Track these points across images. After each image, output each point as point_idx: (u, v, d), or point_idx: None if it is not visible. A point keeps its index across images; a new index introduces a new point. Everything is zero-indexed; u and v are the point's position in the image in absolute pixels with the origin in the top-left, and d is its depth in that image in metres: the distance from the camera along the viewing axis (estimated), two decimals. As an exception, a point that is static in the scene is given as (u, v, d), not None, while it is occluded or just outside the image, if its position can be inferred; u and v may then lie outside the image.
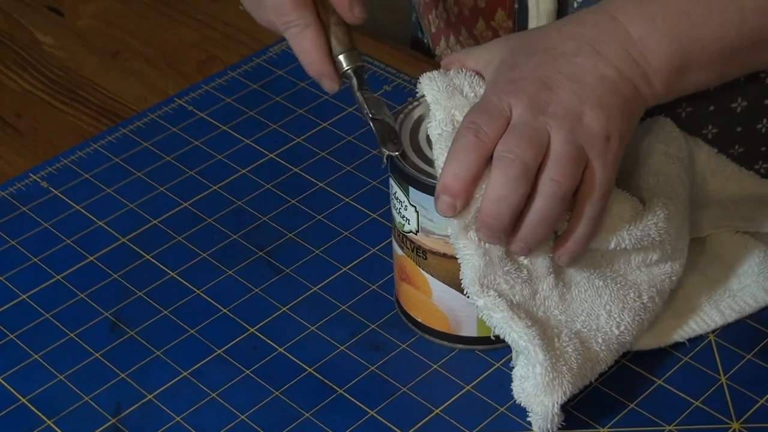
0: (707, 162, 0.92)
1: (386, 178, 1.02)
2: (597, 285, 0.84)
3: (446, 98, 0.83)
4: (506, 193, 0.77)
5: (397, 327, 0.90)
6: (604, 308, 0.83)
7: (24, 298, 0.94)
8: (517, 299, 0.81)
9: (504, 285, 0.81)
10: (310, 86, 1.13)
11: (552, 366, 0.79)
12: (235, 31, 1.23)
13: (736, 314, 0.88)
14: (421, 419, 0.84)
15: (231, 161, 1.06)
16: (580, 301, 0.83)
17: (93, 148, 1.08)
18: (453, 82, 0.84)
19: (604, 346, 0.82)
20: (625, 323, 0.83)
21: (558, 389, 0.79)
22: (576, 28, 0.83)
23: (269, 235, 0.98)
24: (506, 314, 0.80)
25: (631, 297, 0.84)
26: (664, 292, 0.86)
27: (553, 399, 0.79)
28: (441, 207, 0.79)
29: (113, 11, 1.28)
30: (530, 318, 0.81)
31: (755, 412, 0.83)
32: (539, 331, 0.80)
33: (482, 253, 0.80)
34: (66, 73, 1.19)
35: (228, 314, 0.92)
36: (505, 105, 0.79)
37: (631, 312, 0.84)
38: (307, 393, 0.86)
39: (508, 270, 0.81)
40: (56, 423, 0.85)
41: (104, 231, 1.00)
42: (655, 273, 0.85)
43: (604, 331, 0.83)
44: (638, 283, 0.85)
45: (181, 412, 0.85)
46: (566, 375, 0.80)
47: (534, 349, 0.79)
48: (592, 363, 0.82)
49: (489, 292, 0.80)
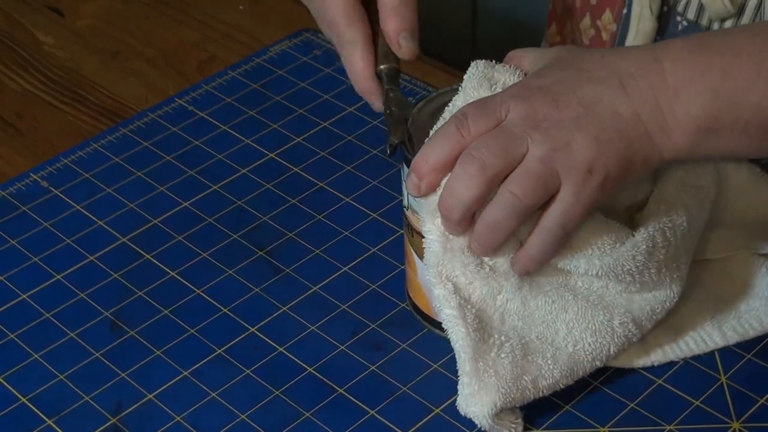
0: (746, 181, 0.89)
1: (386, 178, 1.02)
2: (566, 299, 0.83)
3: (473, 87, 0.84)
4: (458, 187, 0.78)
5: (398, 326, 0.90)
6: (566, 324, 0.82)
7: (24, 298, 0.94)
8: (475, 297, 0.81)
9: (462, 278, 0.81)
10: (310, 86, 1.13)
11: (477, 377, 0.79)
12: (235, 31, 1.23)
13: (739, 337, 0.86)
14: (421, 419, 0.84)
15: (231, 161, 1.06)
16: (544, 311, 0.82)
17: (93, 148, 1.08)
18: (492, 74, 0.84)
19: (552, 361, 0.81)
20: (584, 343, 0.82)
21: (485, 399, 0.79)
22: (617, 58, 0.81)
23: (269, 235, 0.98)
24: (454, 312, 0.80)
25: (600, 319, 0.82)
26: (646, 320, 0.84)
27: (482, 409, 0.79)
28: (408, 185, 0.81)
29: (113, 11, 1.28)
30: (478, 322, 0.80)
31: (755, 412, 0.83)
32: (477, 340, 0.80)
33: (444, 240, 0.81)
34: (66, 73, 1.19)
35: (228, 314, 0.92)
36: (504, 107, 0.79)
37: (595, 333, 0.82)
38: (307, 393, 0.86)
39: (468, 264, 0.81)
40: (56, 423, 0.85)
41: (104, 231, 1.00)
42: (635, 299, 0.84)
43: (558, 346, 0.82)
44: (613, 306, 0.83)
45: (181, 412, 0.85)
46: (494, 387, 0.79)
47: (463, 358, 0.80)
48: (533, 377, 0.80)
49: (447, 284, 0.81)
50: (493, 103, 0.80)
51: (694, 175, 0.86)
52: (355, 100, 1.11)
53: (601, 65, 0.81)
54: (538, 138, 0.78)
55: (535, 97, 0.80)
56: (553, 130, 0.78)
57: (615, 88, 0.80)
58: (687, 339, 0.86)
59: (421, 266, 0.85)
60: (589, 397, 0.84)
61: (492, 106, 0.80)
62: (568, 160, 0.78)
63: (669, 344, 0.86)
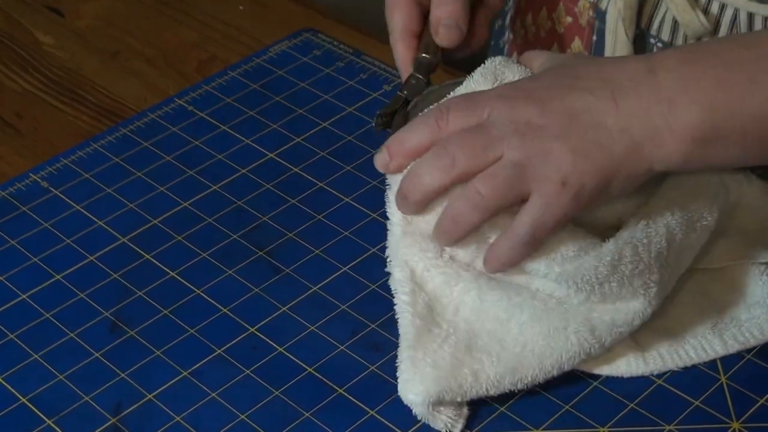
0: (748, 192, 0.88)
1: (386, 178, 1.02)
2: (524, 299, 0.82)
3: (476, 81, 0.85)
4: (423, 174, 0.80)
5: (398, 326, 0.90)
6: (519, 324, 0.82)
7: (24, 298, 0.94)
8: (430, 285, 0.82)
9: (420, 264, 0.82)
10: (310, 86, 1.13)
11: (413, 365, 0.80)
12: (235, 31, 1.23)
13: (739, 345, 0.85)
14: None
15: (231, 161, 1.06)
16: (500, 308, 0.82)
17: (93, 148, 1.08)
18: (504, 71, 0.85)
19: (496, 359, 0.81)
20: (533, 345, 0.81)
21: (419, 387, 0.80)
22: (613, 69, 0.81)
23: (269, 235, 0.98)
24: (405, 298, 0.82)
25: (554, 324, 0.82)
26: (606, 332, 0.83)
27: (415, 397, 0.80)
28: (377, 160, 0.84)
29: (113, 11, 1.28)
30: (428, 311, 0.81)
31: (755, 412, 0.83)
32: (420, 328, 0.81)
33: (405, 224, 0.83)
34: (66, 73, 1.19)
35: (228, 314, 0.92)
36: (489, 106, 0.80)
37: (546, 338, 0.82)
38: (307, 393, 0.86)
39: (426, 250, 0.82)
40: (56, 423, 0.85)
41: (104, 231, 1.00)
42: (596, 309, 0.83)
43: (505, 346, 0.81)
44: (570, 314, 0.82)
45: (181, 412, 0.85)
46: (429, 375, 0.80)
47: (403, 343, 0.81)
48: (473, 370, 0.80)
49: (404, 270, 0.82)
50: (479, 100, 0.80)
51: (690, 197, 0.85)
52: (355, 100, 1.11)
53: (596, 75, 0.81)
54: (515, 143, 0.78)
55: (521, 101, 0.79)
56: (532, 136, 0.78)
57: (605, 100, 0.79)
58: (687, 348, 0.86)
59: None
60: (589, 397, 0.84)
61: (477, 102, 0.80)
62: (542, 170, 0.78)
63: (668, 352, 0.85)
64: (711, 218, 0.86)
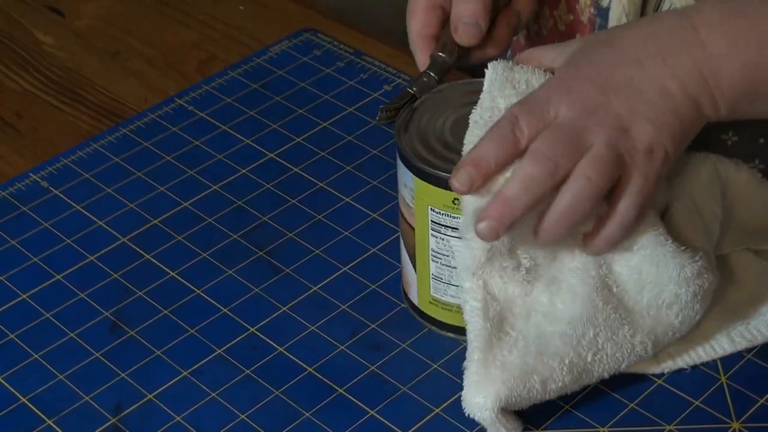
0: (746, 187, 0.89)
1: (386, 178, 1.02)
2: (596, 304, 0.81)
3: (498, 89, 0.83)
4: (531, 184, 0.77)
5: (398, 326, 0.90)
6: (594, 328, 0.81)
7: (24, 298, 0.94)
8: (503, 295, 0.81)
9: (497, 278, 0.81)
10: (310, 86, 1.13)
11: (485, 366, 0.79)
12: (235, 31, 1.23)
13: (747, 342, 0.86)
14: (421, 419, 0.84)
15: (231, 161, 1.06)
16: (573, 312, 0.81)
17: (93, 148, 1.08)
18: (513, 75, 0.84)
19: (568, 367, 0.80)
20: (603, 353, 0.81)
21: (490, 390, 0.79)
22: (652, 30, 0.81)
23: (269, 235, 0.98)
24: (478, 305, 0.80)
25: (624, 331, 0.82)
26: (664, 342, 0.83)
27: (485, 400, 0.78)
28: (460, 179, 0.78)
29: (113, 11, 1.28)
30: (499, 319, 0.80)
31: (755, 412, 0.83)
32: (492, 334, 0.80)
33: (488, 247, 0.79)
34: (66, 73, 1.19)
35: (228, 314, 0.92)
36: (553, 104, 0.79)
37: (616, 345, 0.81)
38: (307, 393, 0.86)
39: (507, 267, 0.80)
40: (56, 423, 0.85)
41: (104, 231, 1.00)
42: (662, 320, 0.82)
43: (578, 352, 0.80)
44: (638, 323, 0.82)
45: (181, 412, 0.85)
46: (500, 378, 0.79)
47: (474, 346, 0.80)
48: (543, 378, 0.80)
49: (478, 281, 0.81)
50: (539, 101, 0.79)
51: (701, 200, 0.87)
52: (355, 100, 1.11)
53: (638, 41, 0.81)
54: (597, 128, 0.78)
55: (579, 89, 0.79)
56: (609, 118, 0.78)
57: (659, 65, 0.79)
58: (696, 347, 0.86)
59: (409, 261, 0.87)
60: (589, 397, 0.84)
61: (539, 104, 0.79)
62: (630, 144, 0.78)
63: (678, 352, 0.85)
64: (719, 210, 0.87)
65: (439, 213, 0.83)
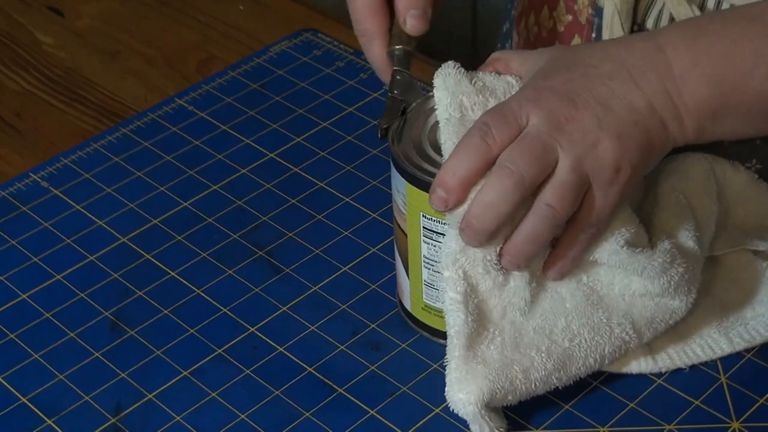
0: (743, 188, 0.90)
1: (386, 178, 1.02)
2: (570, 288, 0.83)
3: (454, 84, 0.83)
4: (497, 201, 0.77)
5: (397, 327, 0.90)
6: (565, 317, 0.82)
7: (24, 298, 0.94)
8: (482, 287, 0.81)
9: (479, 267, 0.81)
10: (310, 86, 1.13)
11: (466, 363, 0.79)
12: (235, 31, 1.23)
13: (746, 343, 0.86)
14: (421, 419, 0.84)
15: (231, 161, 1.06)
16: (546, 303, 0.82)
17: (93, 148, 1.08)
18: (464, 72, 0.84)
19: (546, 354, 0.81)
20: (581, 338, 0.82)
21: (472, 386, 0.79)
22: (620, 51, 0.82)
23: (269, 235, 0.98)
24: (458, 298, 0.80)
25: (599, 316, 0.82)
26: (645, 326, 0.84)
27: (468, 396, 0.79)
28: (434, 201, 0.79)
29: (113, 11, 1.28)
30: (478, 313, 0.81)
31: (755, 412, 0.83)
32: (473, 329, 0.80)
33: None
34: (66, 73, 1.19)
35: (228, 314, 0.92)
36: (523, 112, 0.79)
37: (593, 330, 0.82)
38: (307, 393, 0.86)
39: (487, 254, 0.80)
40: (56, 423, 0.85)
41: (104, 231, 1.00)
42: (636, 304, 0.83)
43: (554, 339, 0.81)
44: (612, 308, 0.83)
45: (181, 412, 0.85)
46: (481, 373, 0.79)
47: (455, 343, 0.80)
48: (524, 367, 0.80)
49: (458, 270, 0.81)
50: (511, 109, 0.79)
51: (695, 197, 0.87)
52: (355, 100, 1.11)
53: (607, 60, 0.81)
54: (565, 144, 0.78)
55: (551, 100, 0.79)
56: (578, 132, 0.78)
57: (627, 83, 0.80)
58: (694, 346, 0.86)
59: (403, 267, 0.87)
60: (589, 397, 0.84)
61: (510, 112, 0.79)
62: (597, 161, 0.78)
63: (676, 351, 0.86)
64: (716, 208, 0.88)
65: (430, 220, 0.83)
